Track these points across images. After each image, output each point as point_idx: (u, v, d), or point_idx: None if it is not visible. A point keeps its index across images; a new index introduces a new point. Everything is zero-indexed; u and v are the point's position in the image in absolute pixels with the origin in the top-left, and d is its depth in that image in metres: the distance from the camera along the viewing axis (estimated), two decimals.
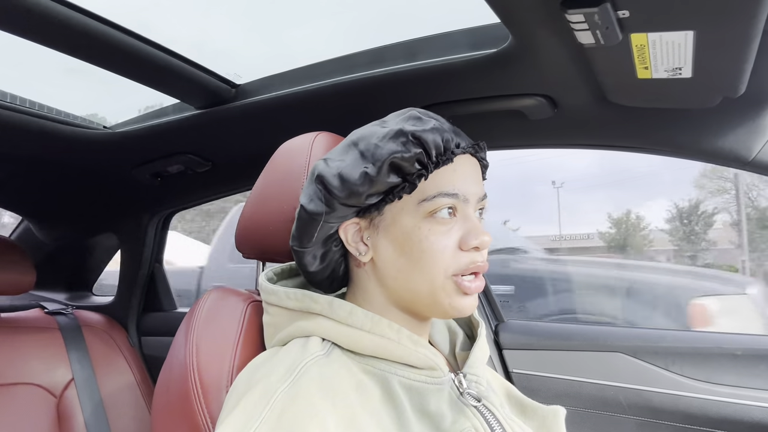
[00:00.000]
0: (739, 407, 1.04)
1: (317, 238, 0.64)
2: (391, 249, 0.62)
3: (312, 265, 0.66)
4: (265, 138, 1.20)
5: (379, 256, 0.64)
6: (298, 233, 0.64)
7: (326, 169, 0.63)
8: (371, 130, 0.64)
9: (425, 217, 0.61)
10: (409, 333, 0.61)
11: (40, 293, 1.84)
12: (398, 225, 0.62)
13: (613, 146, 1.04)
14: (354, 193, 0.60)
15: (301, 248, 0.65)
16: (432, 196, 0.60)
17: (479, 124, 1.06)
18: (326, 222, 0.62)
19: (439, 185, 0.61)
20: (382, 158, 0.59)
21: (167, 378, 0.73)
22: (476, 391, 0.63)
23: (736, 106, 0.86)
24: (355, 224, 0.64)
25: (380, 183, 0.59)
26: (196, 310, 0.76)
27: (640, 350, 1.15)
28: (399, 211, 0.62)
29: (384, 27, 1.00)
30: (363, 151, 0.62)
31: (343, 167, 0.61)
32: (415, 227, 0.61)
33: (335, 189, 0.60)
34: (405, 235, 0.61)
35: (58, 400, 1.30)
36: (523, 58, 0.83)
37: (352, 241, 0.64)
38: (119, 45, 0.90)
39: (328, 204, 0.61)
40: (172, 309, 1.75)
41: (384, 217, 0.63)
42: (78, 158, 1.41)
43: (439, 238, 0.60)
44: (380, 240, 0.63)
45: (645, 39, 0.67)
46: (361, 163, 0.61)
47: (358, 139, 0.64)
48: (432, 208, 0.60)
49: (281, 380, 0.54)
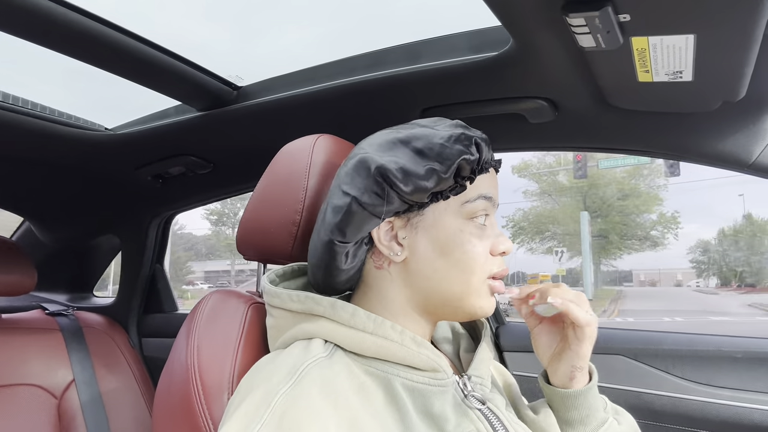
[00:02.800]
0: (739, 410, 1.04)
1: (362, 231, 0.63)
2: (431, 249, 0.63)
3: (344, 263, 0.65)
4: (267, 140, 1.20)
5: (415, 257, 0.64)
6: (344, 225, 0.63)
7: (386, 163, 0.62)
8: (423, 132, 0.65)
9: (466, 220, 0.64)
10: (412, 335, 0.61)
11: (40, 294, 1.84)
12: (440, 226, 0.63)
13: (614, 149, 1.05)
14: (419, 189, 0.61)
15: (343, 242, 0.63)
16: (474, 198, 0.64)
17: (480, 126, 1.04)
18: (377, 216, 0.62)
19: (479, 189, 0.64)
20: (453, 158, 0.61)
21: (168, 379, 0.73)
22: (481, 394, 0.63)
23: (737, 110, 0.86)
24: (388, 223, 0.64)
25: (445, 182, 0.61)
26: (197, 311, 0.76)
27: (641, 353, 1.16)
28: (442, 212, 0.64)
29: (385, 29, 1.00)
30: (422, 149, 0.62)
31: (404, 165, 0.61)
32: (458, 229, 0.63)
33: (400, 183, 0.60)
34: (448, 235, 0.63)
35: (59, 401, 1.30)
36: (524, 62, 0.83)
37: (385, 241, 0.64)
38: (121, 47, 0.91)
39: (388, 197, 0.61)
40: (173, 310, 1.76)
41: (425, 218, 0.64)
42: (80, 160, 1.41)
43: (479, 242, 0.64)
44: (419, 239, 0.64)
45: (646, 42, 0.67)
46: (422, 161, 0.61)
47: (410, 139, 0.64)
48: (473, 210, 0.63)
49: (283, 382, 0.54)
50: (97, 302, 1.91)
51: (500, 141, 1.11)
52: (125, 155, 1.39)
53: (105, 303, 1.82)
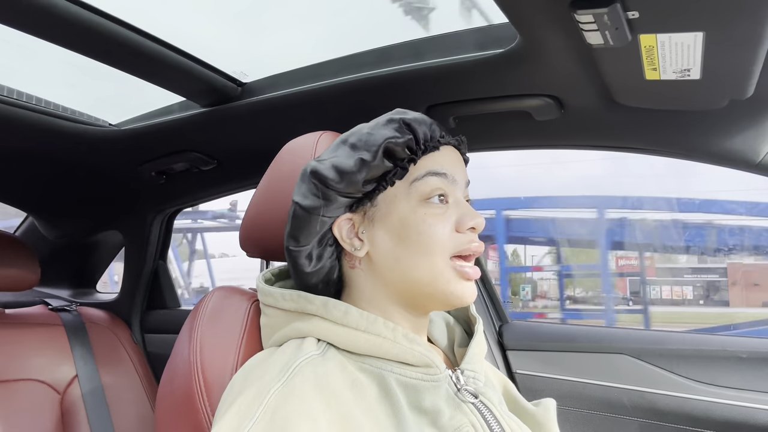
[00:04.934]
0: (743, 410, 1.03)
1: (313, 234, 0.64)
2: (388, 238, 0.63)
3: (307, 266, 0.66)
4: (271, 136, 1.20)
5: (375, 249, 0.64)
6: (294, 231, 0.65)
7: (319, 165, 0.64)
8: (359, 127, 0.68)
9: (419, 202, 0.63)
10: (404, 331, 0.61)
11: (44, 290, 1.85)
12: (394, 212, 0.64)
13: (620, 147, 1.04)
14: (351, 181, 0.62)
15: (297, 247, 0.65)
16: (422, 175, 0.63)
17: (485, 124, 1.05)
18: (322, 216, 0.63)
19: (427, 166, 0.64)
20: (377, 143, 0.62)
21: (171, 375, 0.73)
22: (473, 388, 0.63)
23: (744, 108, 0.85)
24: (348, 220, 0.65)
25: (376, 168, 0.62)
26: (200, 308, 0.76)
27: (645, 352, 1.15)
28: (393, 199, 0.64)
29: (391, 26, 1.00)
30: (354, 143, 0.64)
31: (336, 160, 0.63)
32: (411, 212, 0.63)
33: (331, 180, 0.62)
34: (401, 221, 0.63)
35: (62, 396, 1.31)
36: (531, 59, 0.82)
37: (347, 237, 0.65)
38: (125, 42, 0.90)
39: (325, 197, 0.63)
40: (176, 306, 1.76)
41: (378, 208, 0.64)
42: (83, 155, 1.41)
43: (436, 221, 0.62)
44: (376, 231, 0.64)
45: (654, 40, 0.67)
46: (354, 153, 0.63)
47: (348, 136, 0.67)
48: (424, 190, 0.63)
49: (275, 380, 0.54)
50: (100, 298, 1.91)
51: (506, 139, 1.11)
52: (129, 151, 1.39)
53: (108, 299, 1.82)
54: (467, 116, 1.01)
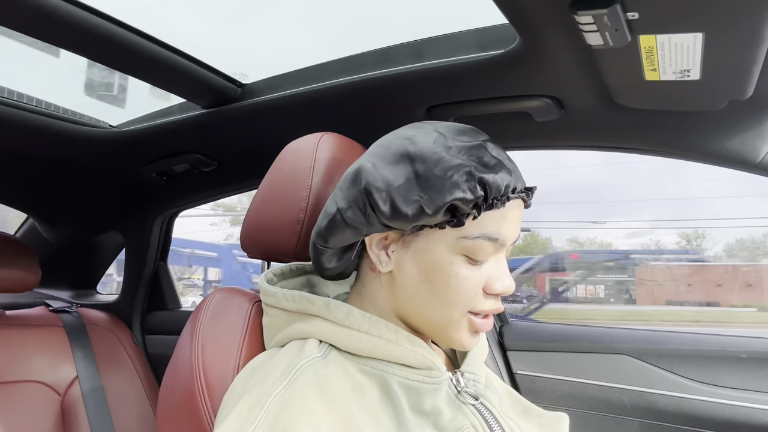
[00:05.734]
0: (744, 410, 1.03)
1: (344, 241, 0.62)
2: (416, 272, 0.60)
3: (329, 263, 0.65)
4: (271, 138, 1.20)
5: (400, 273, 0.62)
6: (326, 233, 0.62)
7: (375, 184, 0.58)
8: (433, 150, 0.58)
9: (460, 254, 0.59)
10: (406, 334, 0.61)
11: (44, 291, 1.85)
12: (431, 252, 0.59)
13: (620, 148, 1.04)
14: (401, 221, 0.57)
15: (325, 247, 0.63)
16: (475, 236, 0.58)
17: (485, 125, 1.05)
18: (359, 232, 0.61)
19: (484, 226, 0.58)
20: (444, 200, 0.55)
21: (172, 377, 0.73)
22: (474, 389, 0.63)
23: (744, 109, 0.85)
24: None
25: (432, 219, 0.57)
26: (201, 309, 0.76)
27: (645, 352, 1.15)
28: (437, 240, 0.59)
29: (390, 27, 1.00)
30: (421, 174, 0.57)
31: (395, 189, 0.57)
32: (447, 261, 0.59)
33: (382, 211, 0.57)
34: (435, 265, 0.59)
35: (63, 397, 1.31)
36: (531, 60, 0.82)
37: (376, 249, 0.63)
38: (126, 44, 0.90)
39: (369, 219, 0.59)
40: (177, 307, 1.76)
41: (418, 239, 0.60)
42: (84, 157, 1.42)
43: (468, 279, 0.59)
44: (407, 259, 0.61)
45: (654, 41, 0.67)
46: (416, 189, 0.56)
47: (416, 157, 0.58)
48: (471, 249, 0.58)
49: (277, 382, 0.54)
50: (101, 299, 1.91)
51: (505, 140, 1.11)
52: (130, 152, 1.39)
53: (108, 300, 1.82)
54: (467, 117, 1.01)
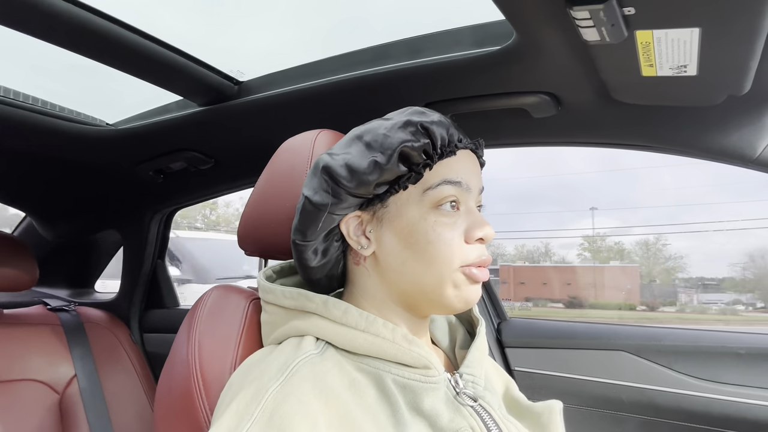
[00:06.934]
0: (742, 406, 1.03)
1: (321, 229, 0.63)
2: (396, 241, 0.63)
3: (312, 260, 0.66)
4: (268, 135, 1.20)
5: (382, 249, 0.64)
6: (302, 226, 0.64)
7: (332, 161, 0.63)
8: (376, 124, 0.65)
9: (431, 209, 0.62)
10: (404, 332, 0.61)
11: (42, 290, 1.85)
12: (403, 216, 0.62)
13: (617, 144, 1.04)
14: (363, 182, 0.61)
15: (304, 242, 0.64)
16: (436, 183, 0.62)
17: (482, 121, 1.05)
18: (331, 213, 0.62)
19: (442, 174, 0.62)
20: (392, 147, 0.60)
21: (169, 375, 0.73)
22: (472, 391, 0.63)
23: (741, 104, 0.85)
24: (356, 217, 0.65)
25: (389, 171, 0.60)
26: (198, 307, 0.76)
27: (643, 348, 1.15)
28: (404, 203, 0.63)
29: (386, 24, 1.00)
30: (369, 142, 0.62)
31: (350, 158, 0.62)
32: (420, 218, 0.62)
33: (343, 179, 0.61)
34: (411, 226, 0.62)
35: (61, 396, 1.31)
36: (528, 56, 0.82)
37: (354, 235, 0.65)
38: (122, 41, 0.90)
39: (335, 194, 0.62)
40: (175, 306, 1.76)
41: (388, 210, 0.63)
42: (81, 155, 1.41)
43: (444, 230, 0.61)
44: (384, 232, 0.63)
45: (650, 36, 0.67)
46: (368, 153, 0.61)
47: (363, 133, 0.65)
48: (437, 197, 0.61)
49: (273, 379, 0.54)
50: (99, 298, 1.91)
51: (503, 136, 1.11)
52: (126, 150, 1.39)
53: (106, 298, 1.82)
54: (464, 114, 1.01)
